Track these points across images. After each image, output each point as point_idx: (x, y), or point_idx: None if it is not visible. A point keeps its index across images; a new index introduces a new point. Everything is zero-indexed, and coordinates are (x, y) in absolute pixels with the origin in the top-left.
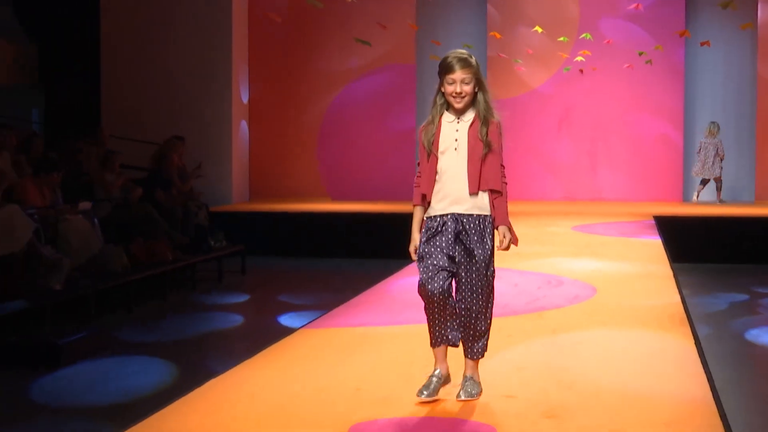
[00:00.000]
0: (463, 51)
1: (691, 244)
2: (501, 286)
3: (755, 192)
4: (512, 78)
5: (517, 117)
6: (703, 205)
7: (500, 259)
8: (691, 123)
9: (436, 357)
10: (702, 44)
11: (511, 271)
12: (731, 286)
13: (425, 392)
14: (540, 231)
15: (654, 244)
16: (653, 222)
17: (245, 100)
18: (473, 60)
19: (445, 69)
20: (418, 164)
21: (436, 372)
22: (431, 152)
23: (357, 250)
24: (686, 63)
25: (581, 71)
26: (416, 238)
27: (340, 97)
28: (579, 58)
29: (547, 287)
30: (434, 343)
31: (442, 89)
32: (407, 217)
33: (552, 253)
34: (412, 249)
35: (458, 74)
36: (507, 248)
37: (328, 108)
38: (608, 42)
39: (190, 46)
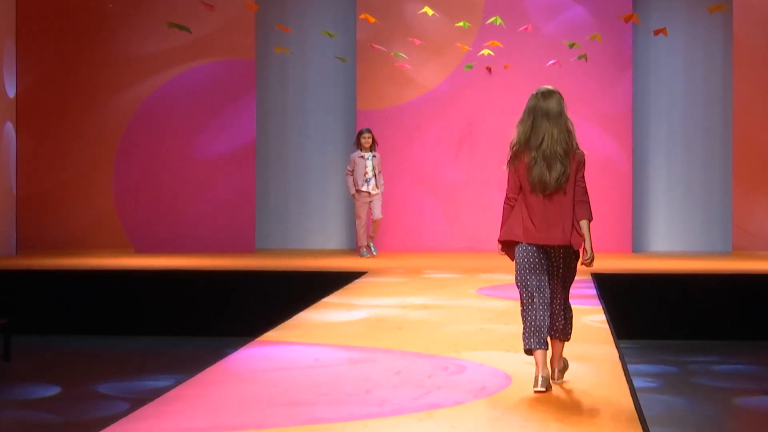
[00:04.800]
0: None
1: (643, 312)
2: (376, 373)
3: (732, 239)
4: (391, 79)
5: (398, 133)
6: (660, 257)
7: (373, 337)
8: (641, 141)
9: None
10: (656, 33)
11: (391, 352)
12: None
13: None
14: (433, 295)
15: (593, 312)
16: (591, 282)
17: (11, 95)
18: None
19: None
20: None
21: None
22: None
23: (171, 324)
24: (635, 59)
25: (489, 69)
26: None
27: (148, 104)
28: (486, 52)
29: (443, 375)
30: None
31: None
32: (243, 277)
33: (449, 327)
34: None
35: None
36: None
37: (131, 119)
38: (526, 29)
39: None
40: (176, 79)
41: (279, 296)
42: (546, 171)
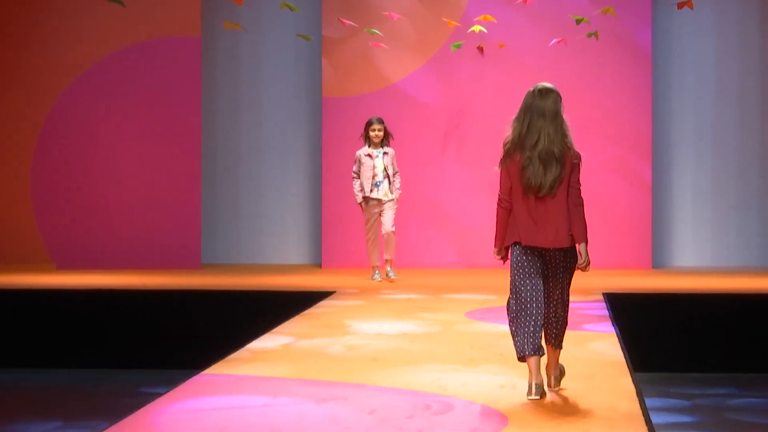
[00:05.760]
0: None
1: (663, 339)
2: (346, 413)
3: None
4: (364, 61)
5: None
6: (684, 274)
7: (343, 370)
8: (663, 139)
9: None
10: (680, 6)
11: (364, 388)
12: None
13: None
14: (414, 319)
15: (605, 339)
16: (603, 302)
17: None
18: None
19: None
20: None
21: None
22: None
23: (98, 355)
24: (655, 38)
25: (480, 49)
26: None
27: (68, 97)
28: (477, 28)
29: (425, 415)
30: None
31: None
32: (186, 298)
33: (434, 358)
34: None
35: None
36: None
37: (48, 116)
38: (525, 1)
39: None
40: (103, 64)
41: (229, 321)
42: (542, 172)
